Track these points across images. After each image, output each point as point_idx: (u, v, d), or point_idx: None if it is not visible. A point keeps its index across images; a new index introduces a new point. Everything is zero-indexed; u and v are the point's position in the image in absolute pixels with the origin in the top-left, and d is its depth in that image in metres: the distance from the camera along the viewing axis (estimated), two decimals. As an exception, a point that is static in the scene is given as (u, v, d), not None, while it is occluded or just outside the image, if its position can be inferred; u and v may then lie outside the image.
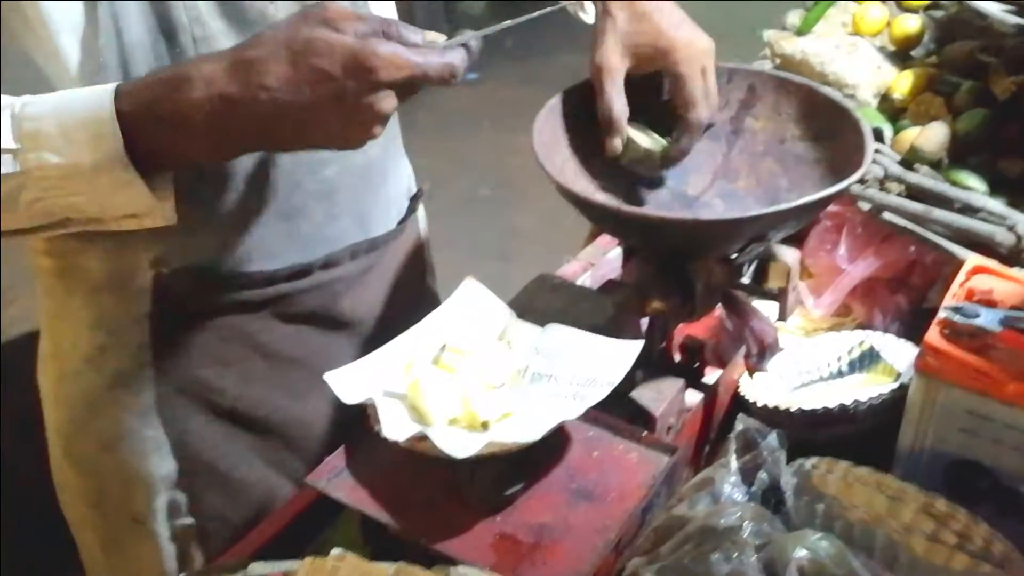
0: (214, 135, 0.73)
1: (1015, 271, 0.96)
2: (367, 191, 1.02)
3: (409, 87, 0.73)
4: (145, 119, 0.72)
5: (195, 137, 0.73)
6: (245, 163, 0.89)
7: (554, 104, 1.02)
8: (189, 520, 1.03)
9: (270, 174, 0.92)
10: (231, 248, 0.93)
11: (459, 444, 0.74)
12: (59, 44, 0.80)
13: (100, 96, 0.73)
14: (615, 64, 0.99)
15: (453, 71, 0.73)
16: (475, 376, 0.84)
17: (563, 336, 0.86)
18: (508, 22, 0.82)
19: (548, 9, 0.86)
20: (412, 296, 1.14)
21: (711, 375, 1.04)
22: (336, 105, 0.71)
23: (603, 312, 0.96)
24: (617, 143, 1.00)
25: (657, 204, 1.07)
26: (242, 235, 0.93)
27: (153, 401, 0.97)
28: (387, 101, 0.72)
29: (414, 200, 1.15)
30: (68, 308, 0.96)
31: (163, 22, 0.82)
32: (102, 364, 0.96)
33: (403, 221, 1.11)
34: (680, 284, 0.93)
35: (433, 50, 0.74)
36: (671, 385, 0.92)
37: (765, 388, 1.04)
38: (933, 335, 0.86)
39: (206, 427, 0.99)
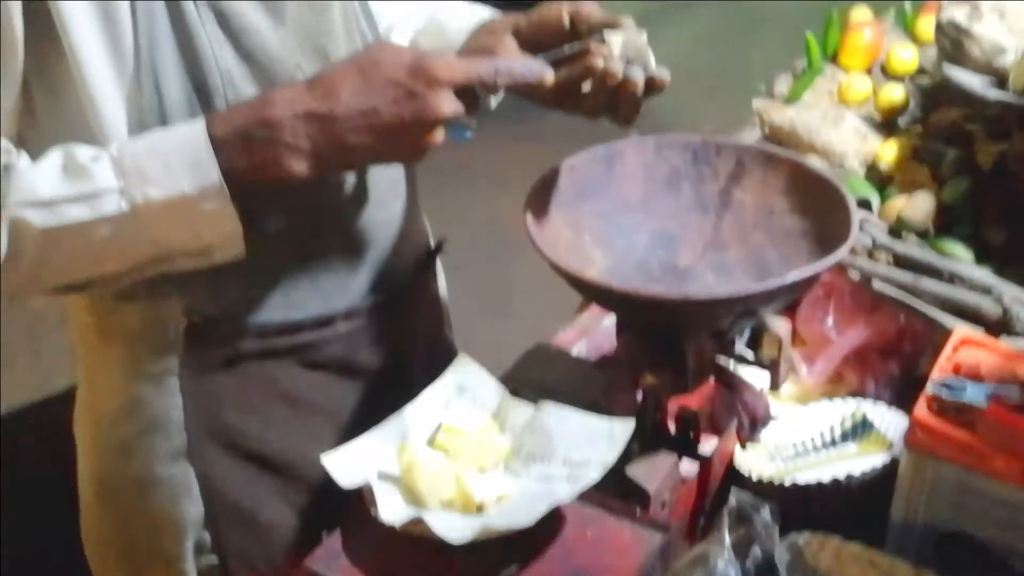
0: (297, 150, 0.82)
1: (1001, 342, 0.98)
2: (388, 245, 1.07)
3: (468, 93, 0.84)
4: (236, 139, 0.82)
5: (280, 153, 0.82)
6: (273, 219, 0.94)
7: (546, 179, 1.04)
8: (214, 559, 1.05)
9: (297, 228, 0.97)
10: (258, 298, 0.98)
11: (454, 528, 0.76)
12: (104, 104, 0.85)
13: (194, 128, 0.82)
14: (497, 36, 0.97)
15: (499, 69, 0.84)
16: (470, 457, 0.85)
17: (557, 415, 0.88)
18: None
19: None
20: (430, 347, 1.19)
21: (707, 443, 1.04)
22: (403, 107, 0.81)
23: (598, 386, 0.98)
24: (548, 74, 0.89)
25: (648, 276, 1.08)
26: (269, 286, 0.98)
27: (184, 446, 1.00)
28: (449, 102, 0.82)
29: (432, 255, 1.19)
30: (106, 360, 1.00)
31: (199, 86, 0.87)
32: (137, 411, 0.99)
33: (422, 275, 1.15)
34: (672, 359, 0.94)
35: (483, 58, 0.86)
36: (665, 460, 0.93)
37: (758, 459, 1.05)
38: (921, 410, 0.87)
39: (232, 470, 1.02)
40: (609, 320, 1.35)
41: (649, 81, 0.90)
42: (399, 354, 1.11)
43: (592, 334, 1.32)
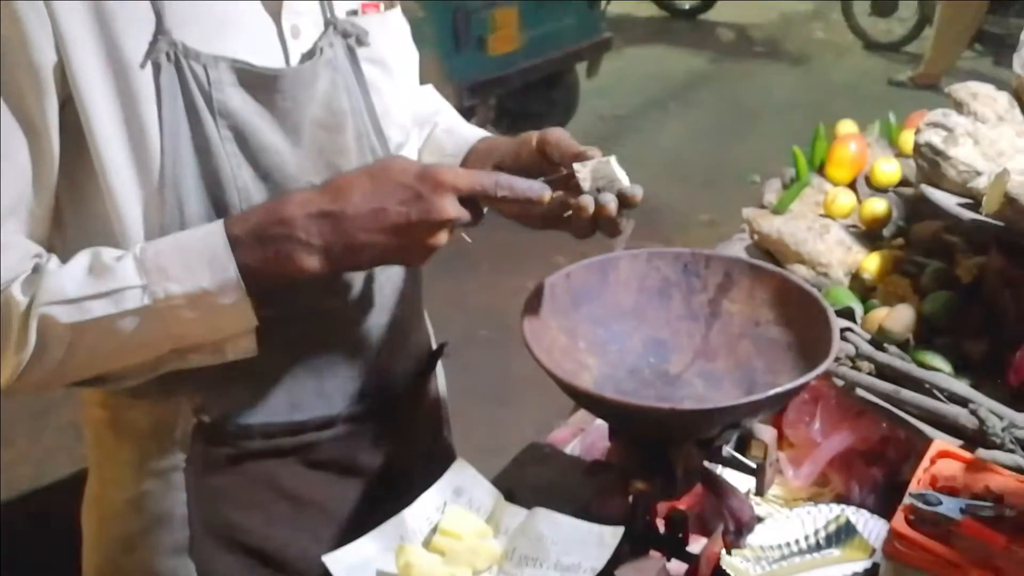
0: (310, 246, 0.88)
1: (978, 453, 1.02)
2: (390, 349, 1.12)
3: (471, 203, 0.89)
4: (251, 237, 0.88)
5: (293, 249, 0.88)
6: (281, 323, 0.97)
7: (541, 287, 1.09)
8: None
9: (304, 333, 1.02)
10: (264, 399, 1.02)
11: (448, 631, 0.79)
12: (127, 217, 0.90)
13: (212, 228, 0.88)
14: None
15: (499, 183, 0.89)
16: (465, 559, 0.89)
17: (549, 520, 0.91)
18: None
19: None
20: (429, 448, 1.23)
21: (696, 543, 1.07)
22: (411, 207, 0.87)
23: (590, 488, 1.01)
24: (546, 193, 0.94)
25: (640, 382, 1.12)
26: (275, 388, 1.02)
27: (186, 541, 1.03)
28: (453, 206, 0.87)
29: (433, 357, 1.23)
30: (117, 454, 1.04)
31: (216, 202, 0.93)
32: (143, 507, 1.03)
33: (423, 377, 1.19)
34: (661, 466, 0.98)
35: (486, 171, 0.91)
36: (652, 565, 0.96)
37: (746, 560, 1.08)
38: (899, 521, 0.91)
39: (233, 566, 1.05)
40: (602, 420, 1.39)
41: (623, 199, 0.94)
42: (398, 455, 1.15)
43: (587, 432, 1.36)
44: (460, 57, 4.32)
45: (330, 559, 0.86)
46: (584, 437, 1.37)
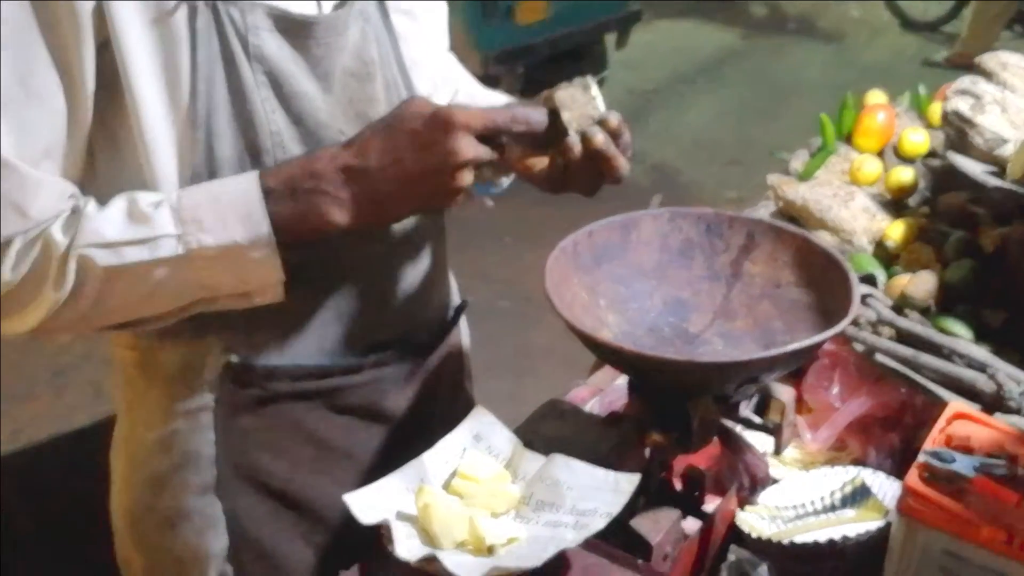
0: (337, 199, 0.91)
1: (994, 419, 1.02)
2: (416, 300, 1.14)
3: (489, 138, 0.91)
4: (283, 189, 0.91)
5: (322, 201, 0.91)
6: (310, 269, 1.00)
7: (564, 245, 1.10)
8: None
9: (332, 279, 1.05)
10: (291, 342, 1.05)
11: (466, 567, 0.81)
12: (159, 158, 0.92)
13: (247, 181, 0.91)
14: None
15: (516, 117, 0.92)
16: (483, 502, 0.90)
17: (566, 466, 0.93)
18: None
19: None
20: (451, 399, 1.26)
21: (711, 503, 1.09)
22: (427, 154, 0.89)
23: (608, 442, 1.03)
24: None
25: (659, 340, 1.13)
26: (302, 332, 1.05)
27: (213, 481, 1.06)
28: (469, 145, 0.89)
29: (458, 311, 1.26)
30: (146, 395, 1.07)
31: (250, 146, 0.95)
32: (172, 447, 1.06)
33: (447, 329, 1.21)
34: (678, 419, 0.99)
35: (502, 107, 0.94)
36: (668, 515, 0.98)
37: (761, 518, 1.09)
38: (913, 478, 0.92)
39: (257, 507, 1.09)
40: (622, 379, 1.40)
41: (607, 130, 0.95)
42: (421, 403, 1.18)
43: (605, 392, 1.38)
44: (487, 26, 4.32)
45: (350, 498, 0.88)
46: (603, 397, 1.38)
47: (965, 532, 0.88)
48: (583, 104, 0.96)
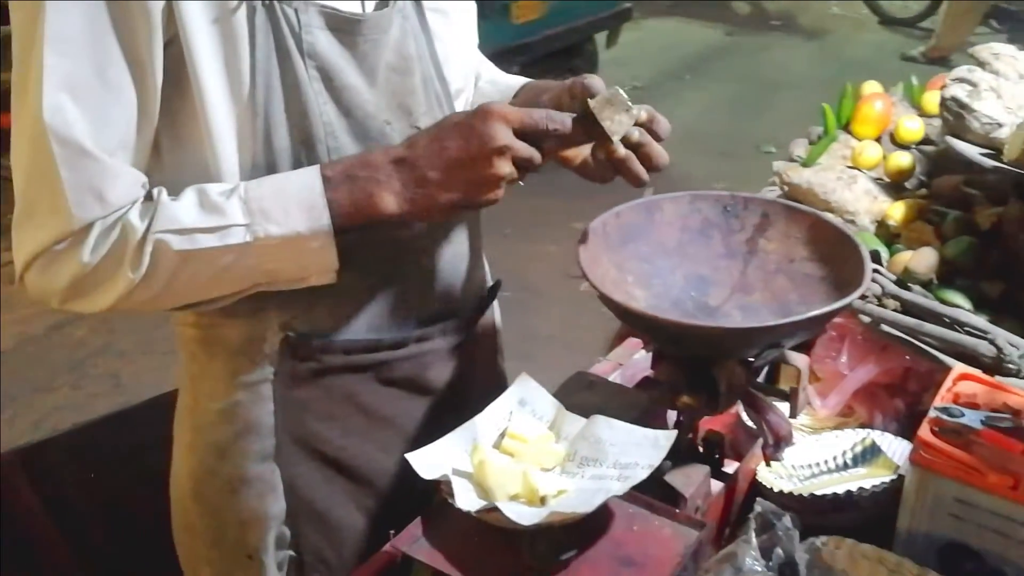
0: (389, 188, 0.98)
1: (996, 379, 1.11)
2: (455, 279, 1.22)
3: (529, 136, 0.98)
4: (342, 178, 0.98)
5: (376, 190, 0.98)
6: (361, 251, 1.07)
7: (595, 226, 1.18)
8: (291, 553, 1.18)
9: (381, 261, 1.12)
10: (344, 319, 1.12)
11: (524, 515, 0.88)
12: (222, 149, 0.99)
13: (309, 175, 0.98)
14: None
15: (551, 116, 0.99)
16: (532, 459, 0.98)
17: (607, 425, 1.00)
18: None
19: None
20: (486, 373, 1.34)
21: (729, 467, 1.17)
22: (468, 140, 0.96)
23: (637, 406, 1.10)
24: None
25: (683, 313, 1.21)
26: (355, 309, 1.12)
27: (272, 448, 1.13)
28: (504, 132, 0.96)
29: (492, 290, 1.34)
30: (209, 369, 1.13)
31: (304, 137, 1.02)
32: (234, 416, 1.13)
33: (483, 307, 1.29)
34: (705, 383, 1.07)
35: (537, 109, 1.00)
36: (699, 471, 1.06)
37: (779, 477, 1.17)
38: (925, 432, 1.00)
39: (313, 473, 1.16)
40: (640, 354, 1.49)
41: (646, 129, 1.04)
42: (460, 376, 1.25)
43: (626, 366, 1.46)
44: (484, 24, 4.36)
45: (412, 457, 0.96)
46: (624, 371, 1.46)
47: (974, 479, 0.96)
48: (616, 109, 1.03)
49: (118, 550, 1.37)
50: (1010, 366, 1.14)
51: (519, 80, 1.32)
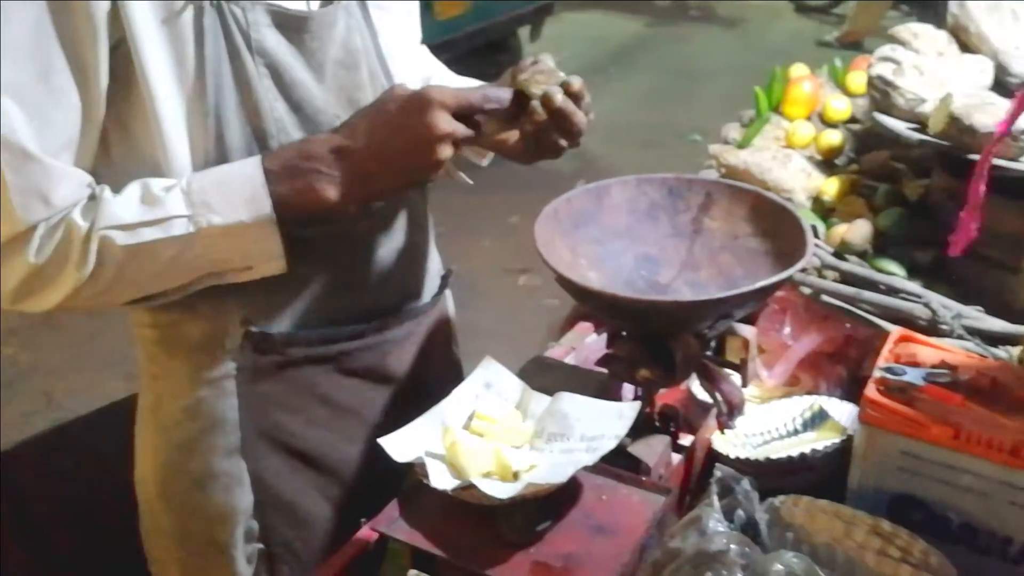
0: (330, 178, 1.00)
1: (932, 339, 1.17)
2: (410, 269, 1.25)
3: (464, 116, 0.99)
4: (284, 171, 1.00)
5: (316, 180, 1.00)
6: (317, 245, 1.09)
7: (548, 212, 1.21)
8: (260, 546, 1.19)
9: (337, 254, 1.14)
10: (303, 312, 1.13)
11: (500, 489, 0.91)
12: (173, 147, 1.00)
13: (250, 166, 0.99)
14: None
15: (488, 96, 1.01)
16: (502, 438, 1.01)
17: (572, 401, 1.04)
18: None
19: None
20: (442, 360, 1.36)
21: (685, 439, 1.22)
22: (407, 132, 0.98)
23: (595, 384, 1.14)
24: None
25: (635, 292, 1.25)
26: (313, 302, 1.14)
27: (238, 443, 1.14)
28: (444, 119, 0.98)
29: (444, 279, 1.36)
30: (170, 368, 1.14)
31: (257, 132, 1.04)
32: (198, 413, 1.13)
33: (437, 296, 1.32)
34: (662, 356, 1.11)
35: (475, 87, 1.02)
36: (659, 441, 1.10)
37: (734, 445, 1.22)
38: (871, 391, 1.05)
39: (279, 465, 1.17)
40: (592, 337, 1.52)
41: (569, 93, 1.05)
42: (418, 365, 1.27)
43: (579, 349, 1.49)
44: (408, 21, 4.39)
45: (384, 441, 0.98)
46: (577, 354, 1.50)
47: (918, 432, 1.02)
48: (546, 78, 1.06)
49: (83, 559, 1.36)
50: (944, 326, 1.21)
51: (471, 83, 1.35)
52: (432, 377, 1.29)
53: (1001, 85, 1.47)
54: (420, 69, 1.36)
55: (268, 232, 1.00)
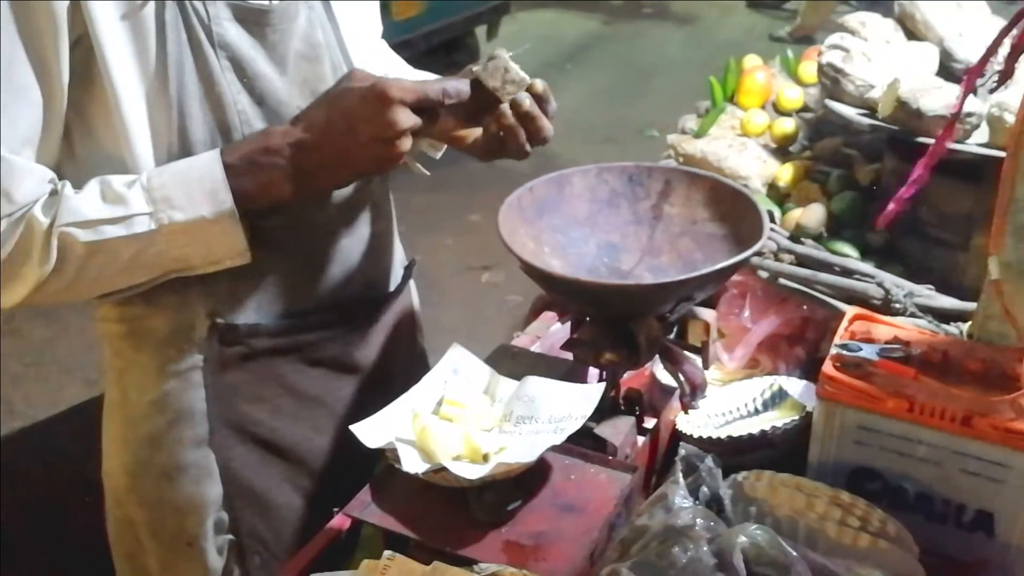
0: (290, 172, 1.00)
1: (886, 317, 1.21)
2: (373, 259, 1.26)
3: (423, 109, 1.00)
4: (244, 165, 1.00)
5: (276, 175, 1.00)
6: (281, 236, 1.10)
7: (511, 201, 1.23)
8: (230, 537, 1.20)
9: (301, 244, 1.15)
10: (269, 303, 1.14)
11: (471, 471, 0.93)
12: (136, 142, 1.00)
13: (210, 161, 1.00)
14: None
15: (447, 89, 1.02)
16: (470, 422, 1.03)
17: (538, 384, 1.06)
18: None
19: None
20: (407, 350, 1.38)
21: (648, 422, 1.24)
22: (367, 126, 0.98)
23: (560, 370, 1.16)
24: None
25: (599, 278, 1.28)
26: (278, 293, 1.15)
27: (206, 434, 1.15)
28: (405, 116, 0.99)
29: (408, 269, 1.38)
30: (136, 363, 1.14)
31: (220, 125, 1.04)
32: (165, 406, 1.14)
33: (401, 285, 1.34)
34: (626, 340, 1.14)
35: (434, 80, 1.03)
36: (625, 422, 1.12)
37: (697, 426, 1.25)
38: (828, 367, 1.08)
39: (248, 455, 1.18)
40: (556, 326, 1.55)
41: (535, 96, 1.08)
42: (383, 355, 1.29)
43: (544, 338, 1.52)
44: (364, 21, 4.39)
45: (356, 428, 0.99)
46: (542, 342, 1.52)
47: (874, 406, 1.05)
48: (504, 75, 1.08)
49: (49, 559, 1.36)
50: (897, 305, 1.25)
51: (429, 76, 1.36)
52: (398, 367, 1.30)
53: (946, 70, 1.52)
54: (382, 63, 1.37)
55: (230, 226, 1.01)
